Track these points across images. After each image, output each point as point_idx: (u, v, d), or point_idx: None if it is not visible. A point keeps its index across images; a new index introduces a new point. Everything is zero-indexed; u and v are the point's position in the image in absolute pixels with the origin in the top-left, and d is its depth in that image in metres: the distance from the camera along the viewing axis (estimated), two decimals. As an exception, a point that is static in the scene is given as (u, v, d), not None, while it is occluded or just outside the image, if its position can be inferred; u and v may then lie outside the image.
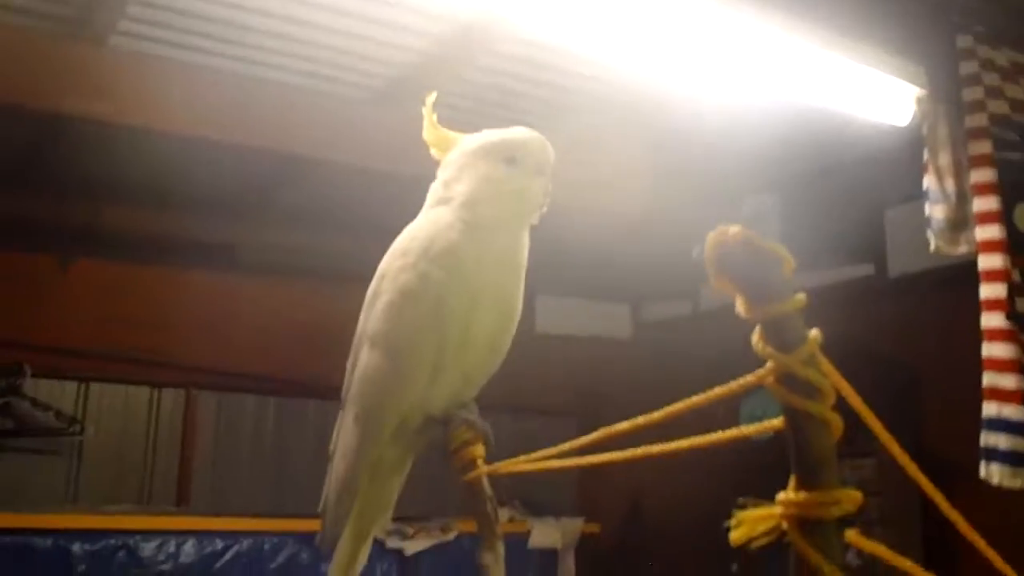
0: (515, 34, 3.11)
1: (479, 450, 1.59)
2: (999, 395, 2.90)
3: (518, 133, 1.62)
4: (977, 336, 2.94)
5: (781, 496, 0.77)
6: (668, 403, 0.99)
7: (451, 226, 1.56)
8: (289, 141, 3.32)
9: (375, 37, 3.12)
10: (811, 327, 0.77)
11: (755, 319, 0.76)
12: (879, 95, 3.05)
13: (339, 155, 3.41)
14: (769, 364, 0.76)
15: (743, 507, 0.79)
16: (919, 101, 3.09)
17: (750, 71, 2.87)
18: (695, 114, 3.54)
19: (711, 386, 0.91)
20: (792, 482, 0.76)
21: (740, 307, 0.76)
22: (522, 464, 1.42)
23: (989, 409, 2.92)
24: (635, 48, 2.87)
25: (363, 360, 1.60)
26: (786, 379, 0.76)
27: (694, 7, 2.53)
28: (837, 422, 0.76)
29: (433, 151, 1.70)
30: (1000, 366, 2.90)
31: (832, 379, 0.83)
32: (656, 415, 0.96)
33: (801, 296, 0.75)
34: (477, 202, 1.57)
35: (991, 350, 2.91)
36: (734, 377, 0.85)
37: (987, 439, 2.91)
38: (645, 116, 3.71)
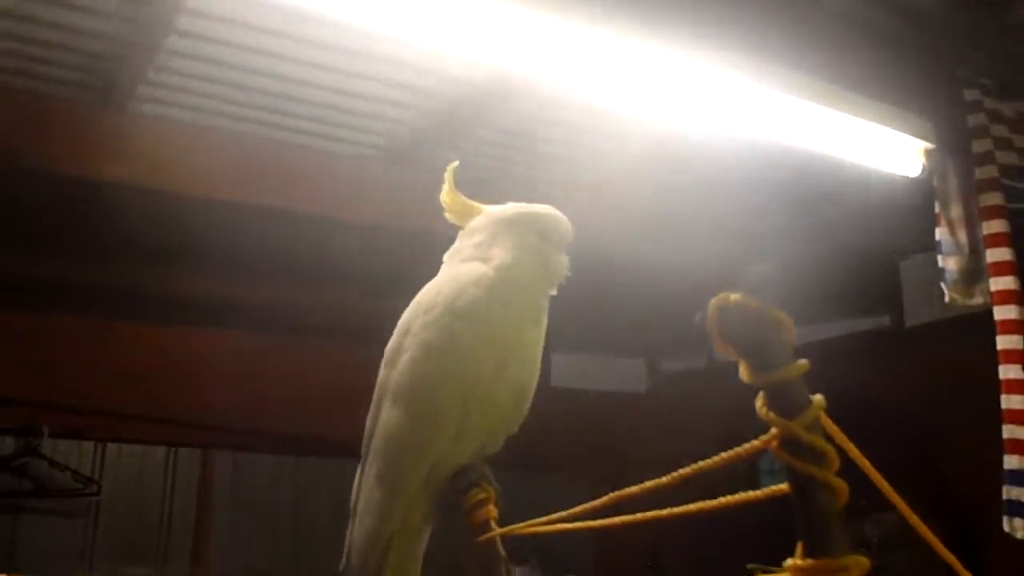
0: (524, 94, 3.15)
1: (492, 511, 1.59)
2: (1020, 448, 2.87)
3: (547, 210, 1.71)
4: (997, 386, 2.92)
5: (788, 563, 0.76)
6: (685, 456, 1.00)
7: (477, 282, 1.60)
8: (306, 201, 3.36)
9: (385, 98, 3.17)
10: (829, 377, 0.77)
11: (757, 384, 0.76)
12: (888, 148, 3.07)
13: (355, 214, 3.46)
14: (773, 429, 0.77)
15: (752, 573, 0.79)
16: (928, 154, 3.11)
17: (760, 126, 2.90)
18: (705, 167, 3.56)
19: (727, 439, 0.91)
20: (799, 548, 0.76)
21: (742, 373, 0.77)
22: (536, 526, 1.42)
23: (1010, 462, 2.88)
24: (647, 106, 2.90)
25: (385, 415, 1.60)
26: (790, 444, 0.76)
27: (701, 64, 2.57)
28: (842, 487, 0.76)
29: (449, 215, 1.76)
30: (1019, 418, 2.87)
31: (839, 441, 0.83)
32: (665, 479, 0.96)
33: (803, 362, 0.76)
34: (513, 265, 1.63)
35: (1010, 402, 2.88)
36: (750, 430, 0.85)
37: (1009, 492, 2.87)
38: (656, 170, 3.73)
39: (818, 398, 0.78)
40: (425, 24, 2.28)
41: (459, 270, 1.66)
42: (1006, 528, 2.86)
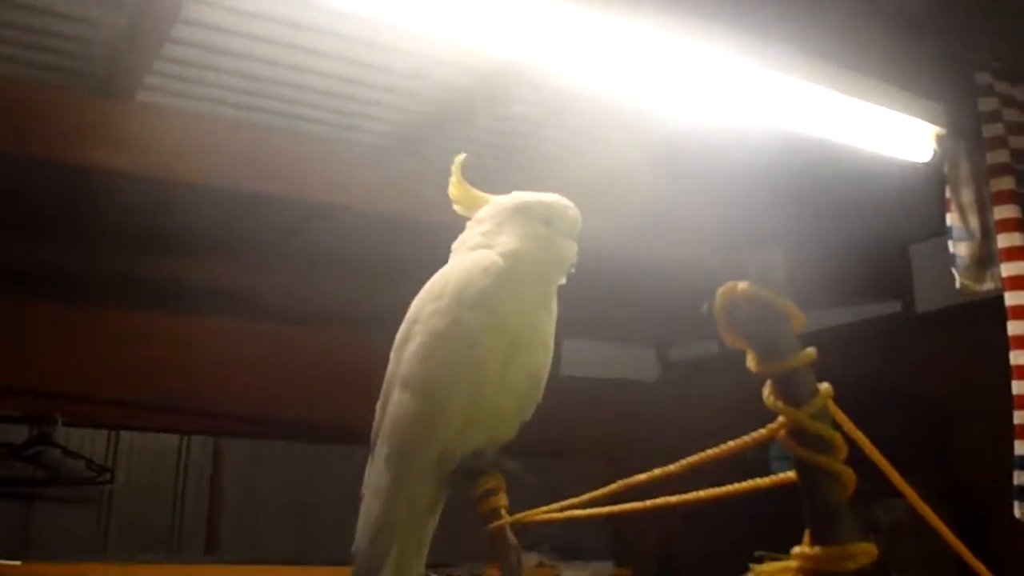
0: (530, 84, 3.14)
1: (502, 499, 1.60)
2: (1031, 434, 2.86)
3: (553, 198, 1.72)
4: (1009, 372, 2.90)
5: (796, 550, 0.77)
6: (695, 444, 1.00)
7: (486, 270, 1.61)
8: (312, 188, 3.36)
9: (391, 86, 3.16)
10: (839, 365, 0.77)
11: (764, 374, 0.76)
12: (899, 133, 3.05)
13: (361, 202, 3.45)
14: (780, 418, 0.77)
15: (760, 560, 0.80)
16: (939, 139, 3.09)
17: (767, 112, 2.89)
18: (712, 155, 3.55)
19: (738, 426, 0.91)
20: (807, 536, 0.76)
21: (750, 362, 0.77)
22: (547, 514, 1.43)
23: (1021, 448, 2.87)
24: (652, 94, 2.89)
25: (395, 401, 1.62)
26: (797, 433, 0.76)
27: (705, 50, 2.55)
28: (849, 475, 0.76)
29: (457, 207, 1.78)
30: (1031, 404, 2.86)
31: (847, 429, 0.83)
32: (672, 467, 0.97)
33: (810, 350, 0.76)
34: (520, 253, 1.64)
35: (1021, 388, 2.86)
36: (761, 417, 0.85)
37: (1020, 478, 2.86)
38: (663, 159, 3.72)
39: (825, 386, 0.78)
40: (432, 12, 2.28)
41: (467, 258, 1.67)
42: (1017, 514, 2.85)
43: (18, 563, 3.42)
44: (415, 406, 1.58)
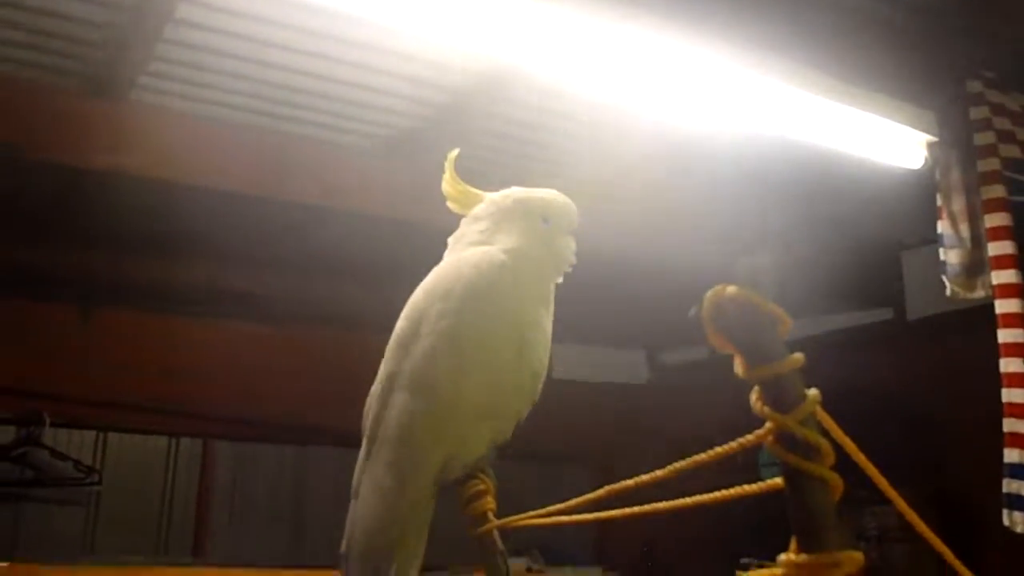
0: (525, 86, 3.14)
1: (490, 503, 1.57)
2: (1020, 441, 2.86)
3: (551, 194, 1.69)
4: (998, 379, 2.91)
5: (782, 558, 0.76)
6: (684, 448, 0.99)
7: (498, 268, 1.57)
8: (305, 191, 3.35)
9: (387, 90, 3.16)
10: (830, 371, 0.77)
11: (752, 379, 0.76)
12: (891, 140, 3.06)
13: (354, 205, 3.45)
14: (768, 423, 0.76)
15: (746, 568, 0.79)
16: (930, 147, 3.09)
17: (762, 119, 2.89)
18: (707, 160, 3.55)
19: (727, 431, 0.91)
20: (793, 543, 0.76)
21: (737, 367, 0.76)
22: (533, 518, 1.41)
23: (1011, 455, 2.87)
24: (648, 99, 2.90)
25: (401, 404, 1.55)
26: (784, 438, 0.75)
27: (702, 57, 2.56)
28: (836, 481, 0.75)
29: (451, 204, 1.74)
30: (1020, 411, 2.86)
31: (835, 435, 0.83)
32: (661, 472, 0.96)
33: (798, 356, 0.75)
34: (522, 250, 1.60)
35: (1011, 395, 2.87)
36: (750, 423, 0.84)
37: (1009, 486, 2.87)
38: (657, 163, 3.72)
39: (813, 392, 0.77)
40: (425, 14, 2.27)
41: (473, 255, 1.61)
42: (1005, 522, 2.86)
43: (5, 564, 3.40)
44: (425, 408, 1.52)
